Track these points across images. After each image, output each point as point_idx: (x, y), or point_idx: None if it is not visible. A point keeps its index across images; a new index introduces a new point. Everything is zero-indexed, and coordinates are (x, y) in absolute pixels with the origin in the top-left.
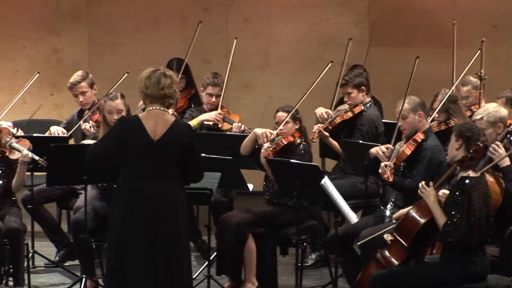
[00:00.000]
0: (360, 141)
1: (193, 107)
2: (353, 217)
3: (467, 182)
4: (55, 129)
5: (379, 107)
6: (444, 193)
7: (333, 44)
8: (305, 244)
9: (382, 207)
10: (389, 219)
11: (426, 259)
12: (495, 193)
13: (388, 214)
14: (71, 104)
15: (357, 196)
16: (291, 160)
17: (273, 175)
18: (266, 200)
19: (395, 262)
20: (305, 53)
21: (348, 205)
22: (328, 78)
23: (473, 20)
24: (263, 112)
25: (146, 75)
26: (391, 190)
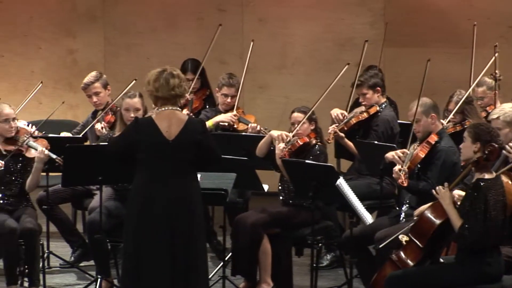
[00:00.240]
0: (375, 141)
1: (208, 107)
2: (368, 218)
3: (482, 184)
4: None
5: (394, 108)
6: (460, 194)
7: (348, 45)
8: (320, 244)
9: (398, 208)
10: (405, 219)
11: (441, 260)
12: (510, 194)
13: (403, 215)
14: (86, 104)
15: (372, 197)
16: (306, 161)
17: (288, 175)
18: (282, 200)
19: (410, 263)
20: (320, 54)
21: (363, 205)
22: (343, 79)
23: (489, 21)
24: (280, 113)
25: (154, 78)
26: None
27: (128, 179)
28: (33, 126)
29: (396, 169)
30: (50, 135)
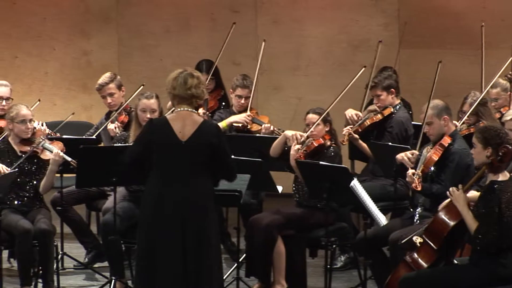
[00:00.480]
0: (389, 143)
1: (222, 108)
2: (382, 219)
3: (496, 187)
4: None
5: (408, 109)
6: (474, 195)
7: (363, 46)
8: (334, 246)
9: (412, 210)
10: (419, 221)
11: (455, 261)
12: None
13: (417, 217)
14: (100, 106)
15: (386, 198)
16: (320, 162)
17: (302, 177)
18: (296, 202)
19: (424, 265)
20: (335, 55)
21: (378, 207)
22: (358, 80)
23: (503, 23)
24: (293, 114)
25: (173, 76)
26: None
27: (142, 180)
28: (49, 129)
29: (409, 173)
30: (65, 136)
